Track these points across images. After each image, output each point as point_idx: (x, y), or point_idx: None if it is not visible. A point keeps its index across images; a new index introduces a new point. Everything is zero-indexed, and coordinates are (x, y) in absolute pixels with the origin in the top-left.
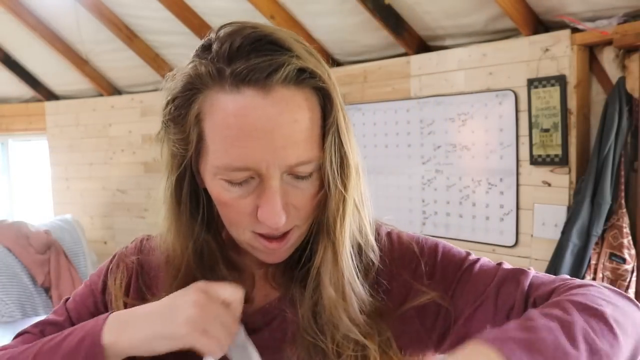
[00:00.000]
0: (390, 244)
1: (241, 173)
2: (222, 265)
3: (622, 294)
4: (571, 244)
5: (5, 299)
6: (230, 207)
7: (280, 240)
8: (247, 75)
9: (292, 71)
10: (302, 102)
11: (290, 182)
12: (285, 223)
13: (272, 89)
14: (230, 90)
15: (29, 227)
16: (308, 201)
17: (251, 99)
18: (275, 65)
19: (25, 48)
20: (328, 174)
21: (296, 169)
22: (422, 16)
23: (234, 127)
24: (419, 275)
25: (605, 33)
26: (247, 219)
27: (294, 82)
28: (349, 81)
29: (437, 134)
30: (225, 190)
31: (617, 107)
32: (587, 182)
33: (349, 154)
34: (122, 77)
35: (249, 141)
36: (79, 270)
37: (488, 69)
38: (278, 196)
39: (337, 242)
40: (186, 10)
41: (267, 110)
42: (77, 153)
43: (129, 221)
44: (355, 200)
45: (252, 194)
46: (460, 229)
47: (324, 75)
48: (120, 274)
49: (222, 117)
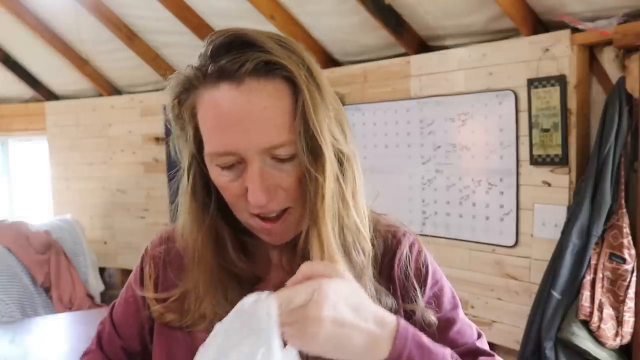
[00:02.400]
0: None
1: (226, 158)
2: (231, 249)
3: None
4: (571, 244)
5: (5, 299)
6: (226, 190)
7: (274, 221)
8: (222, 71)
9: (260, 64)
10: (272, 91)
11: (273, 165)
12: (272, 203)
13: (242, 82)
14: (211, 87)
15: (29, 227)
16: (294, 183)
17: (226, 92)
18: (243, 60)
19: (25, 48)
20: (301, 157)
21: (274, 151)
22: (422, 16)
23: (213, 117)
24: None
25: (605, 33)
26: (241, 200)
27: (263, 73)
28: (349, 81)
29: (437, 134)
30: (220, 175)
31: (617, 107)
32: (587, 182)
33: (320, 139)
34: (122, 77)
35: (226, 128)
36: (79, 270)
37: (488, 69)
38: (258, 177)
39: (318, 222)
40: (186, 10)
41: (239, 100)
42: (77, 153)
43: (129, 221)
44: (339, 186)
45: (241, 177)
46: (460, 229)
47: (291, 65)
48: (149, 269)
49: (205, 110)
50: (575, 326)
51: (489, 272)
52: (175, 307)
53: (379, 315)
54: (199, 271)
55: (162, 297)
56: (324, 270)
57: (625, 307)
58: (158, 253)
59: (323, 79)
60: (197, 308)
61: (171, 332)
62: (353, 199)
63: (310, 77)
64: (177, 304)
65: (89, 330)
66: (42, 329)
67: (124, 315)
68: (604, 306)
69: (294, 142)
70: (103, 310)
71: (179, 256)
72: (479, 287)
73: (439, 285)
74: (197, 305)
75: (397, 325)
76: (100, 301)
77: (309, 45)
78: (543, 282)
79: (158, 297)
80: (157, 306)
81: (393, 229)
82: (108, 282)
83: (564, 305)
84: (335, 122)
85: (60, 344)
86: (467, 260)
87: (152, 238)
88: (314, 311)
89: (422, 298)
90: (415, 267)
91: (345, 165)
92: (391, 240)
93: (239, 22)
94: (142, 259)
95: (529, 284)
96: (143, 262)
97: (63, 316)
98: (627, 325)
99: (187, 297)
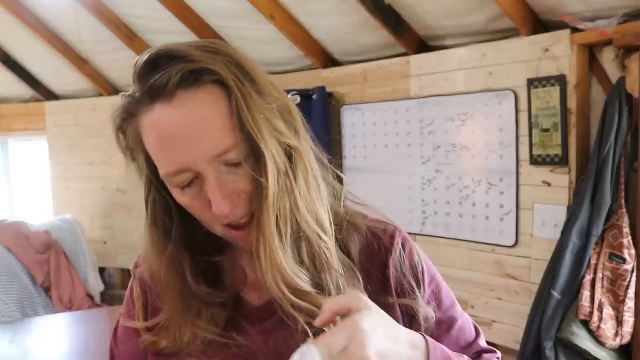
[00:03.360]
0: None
1: (181, 176)
2: (189, 277)
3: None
4: (571, 244)
5: (5, 299)
6: (191, 208)
7: (244, 228)
8: (152, 91)
9: (186, 74)
10: (206, 98)
11: (228, 172)
12: (238, 209)
13: (174, 96)
14: (146, 110)
15: (29, 227)
16: (252, 186)
17: (160, 111)
18: (169, 74)
19: (25, 48)
20: (245, 160)
21: (224, 157)
22: (422, 16)
23: (156, 139)
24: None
25: (605, 33)
26: (209, 214)
27: (192, 83)
28: (349, 81)
29: (437, 134)
30: (181, 196)
31: (617, 107)
32: (587, 182)
33: (258, 137)
34: (122, 77)
35: (170, 147)
36: (79, 270)
37: (488, 69)
38: (217, 187)
39: (262, 223)
40: (186, 10)
41: (175, 116)
42: (77, 153)
43: (129, 221)
44: (289, 182)
45: (201, 192)
46: (460, 229)
47: (218, 68)
48: (136, 294)
49: (148, 135)
50: (575, 326)
51: (489, 272)
52: (165, 333)
53: (411, 337)
54: (169, 299)
55: (151, 325)
56: (350, 304)
57: (625, 307)
58: (141, 274)
59: (259, 74)
60: (180, 335)
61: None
62: (307, 193)
63: (242, 75)
64: (166, 330)
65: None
66: (42, 329)
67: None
68: (604, 306)
69: (238, 143)
70: (103, 310)
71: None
72: (479, 287)
73: (435, 282)
74: (179, 332)
75: (427, 345)
76: (100, 301)
77: (309, 45)
78: (543, 282)
79: (148, 325)
80: (148, 335)
81: (382, 226)
82: (108, 282)
83: (564, 305)
84: (278, 115)
85: (60, 344)
86: (467, 260)
87: (137, 259)
88: (358, 352)
89: (423, 298)
90: (410, 265)
91: (295, 158)
92: (381, 237)
93: (239, 22)
94: (131, 285)
95: (529, 284)
96: (131, 289)
97: (63, 316)
98: (627, 325)
99: (171, 323)
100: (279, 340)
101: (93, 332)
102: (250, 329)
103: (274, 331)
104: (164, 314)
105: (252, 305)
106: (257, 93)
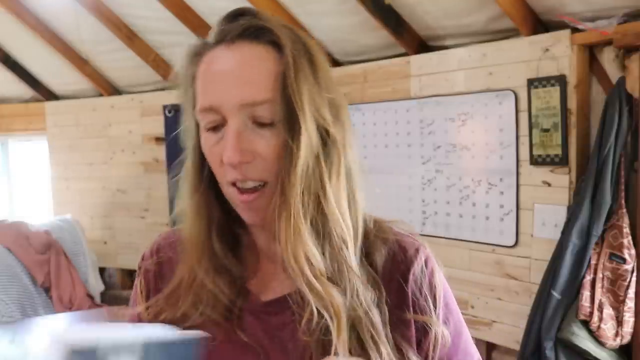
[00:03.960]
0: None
1: (211, 115)
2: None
3: None
4: (571, 244)
5: (5, 299)
6: (210, 156)
7: (250, 192)
8: (219, 35)
9: (250, 28)
10: (261, 52)
11: (253, 129)
12: (249, 170)
13: (234, 43)
14: (210, 50)
15: (29, 227)
16: (272, 153)
17: (219, 51)
18: (236, 25)
19: (25, 48)
20: (279, 121)
21: (254, 110)
22: (422, 16)
23: (205, 74)
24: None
25: (605, 33)
26: (222, 167)
27: (254, 37)
28: (349, 81)
29: (437, 134)
30: (206, 141)
31: (617, 107)
32: (587, 182)
33: (298, 106)
34: (122, 77)
35: (212, 82)
36: (79, 270)
37: (488, 69)
38: (234, 135)
39: (286, 193)
40: (186, 10)
41: (228, 58)
42: (77, 153)
43: (129, 221)
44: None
45: (222, 140)
46: (460, 229)
47: (281, 34)
48: (140, 285)
49: (201, 70)
50: (575, 326)
51: (489, 272)
52: (165, 303)
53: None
54: (189, 250)
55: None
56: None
57: (625, 307)
58: (149, 266)
59: (322, 65)
60: (187, 295)
61: None
62: (335, 186)
63: (304, 53)
64: (168, 299)
65: None
66: (42, 329)
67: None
68: (604, 306)
69: (272, 102)
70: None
71: (170, 265)
72: (479, 287)
73: (447, 310)
74: (188, 290)
75: None
76: (100, 301)
77: None
78: (543, 282)
79: (150, 304)
80: (150, 309)
81: (409, 239)
82: (108, 282)
83: (564, 305)
84: (327, 105)
85: None
86: (467, 260)
87: (143, 252)
88: None
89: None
90: (429, 283)
91: (330, 147)
92: (406, 249)
93: None
94: (135, 281)
95: (529, 284)
96: (136, 285)
97: (63, 316)
98: (627, 325)
99: (179, 287)
100: (284, 338)
101: None
102: (256, 323)
103: (279, 328)
104: (172, 281)
105: (259, 300)
106: (312, 74)
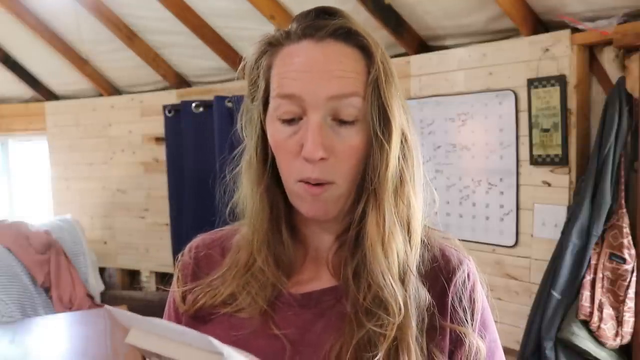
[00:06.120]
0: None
1: (290, 105)
2: (284, 227)
3: None
4: (571, 244)
5: (5, 299)
6: (281, 148)
7: (319, 186)
8: (305, 30)
9: (342, 29)
10: (349, 53)
11: (333, 127)
12: (322, 167)
13: (323, 40)
14: (292, 43)
15: (29, 227)
16: (347, 153)
17: (306, 45)
18: (327, 23)
19: (25, 48)
20: (370, 121)
21: (338, 105)
22: (422, 16)
23: (289, 63)
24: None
25: (605, 33)
26: (294, 161)
27: (343, 38)
28: None
29: (437, 134)
30: (277, 132)
31: (617, 107)
32: (587, 182)
33: (389, 109)
34: (122, 77)
35: (298, 72)
36: (79, 270)
37: (488, 69)
38: (318, 129)
39: (379, 190)
40: (186, 10)
41: (316, 52)
42: (77, 153)
43: (129, 221)
44: (400, 166)
45: (298, 133)
46: (460, 229)
47: (368, 38)
48: (177, 281)
49: (281, 59)
50: (575, 326)
51: (489, 272)
52: (203, 290)
53: None
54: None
55: (191, 287)
56: None
57: (625, 307)
58: (186, 260)
59: (395, 73)
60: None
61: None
62: (412, 187)
63: (385, 60)
64: (208, 286)
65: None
66: (42, 329)
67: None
68: (604, 306)
69: (360, 97)
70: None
71: (207, 260)
72: None
73: (484, 325)
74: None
75: None
76: (100, 301)
77: None
78: (543, 282)
79: (187, 288)
80: (189, 296)
81: (455, 250)
82: (108, 282)
83: (564, 305)
84: (404, 110)
85: (60, 344)
86: None
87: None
88: None
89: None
90: (469, 296)
91: (406, 150)
92: (450, 259)
93: (239, 22)
94: (174, 274)
95: (529, 284)
96: (174, 277)
97: (63, 316)
98: (627, 325)
99: (228, 272)
100: (316, 332)
101: (93, 332)
102: (289, 316)
103: (311, 323)
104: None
105: (293, 293)
106: (393, 80)
